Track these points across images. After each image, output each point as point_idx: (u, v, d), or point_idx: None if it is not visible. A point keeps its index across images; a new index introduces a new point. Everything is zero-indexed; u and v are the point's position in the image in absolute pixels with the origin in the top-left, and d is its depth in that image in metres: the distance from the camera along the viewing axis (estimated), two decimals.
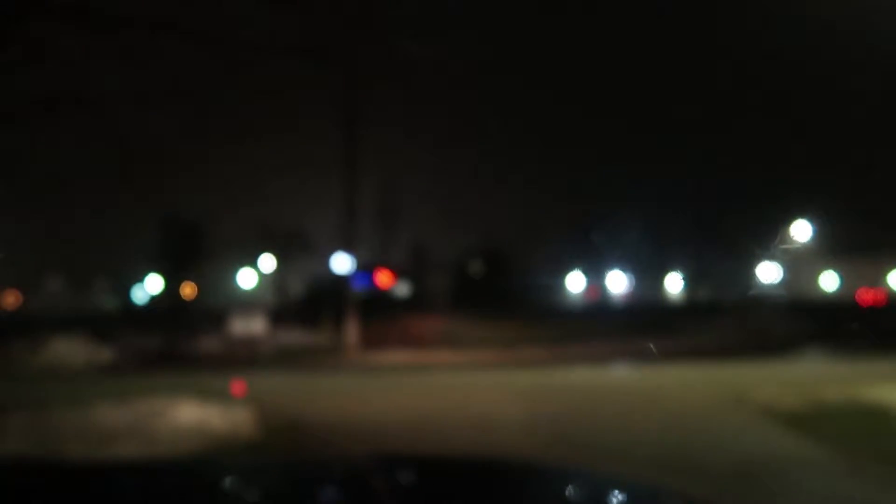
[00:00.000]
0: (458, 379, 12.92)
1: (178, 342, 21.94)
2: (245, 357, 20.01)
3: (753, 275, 66.44)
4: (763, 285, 62.36)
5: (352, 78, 17.85)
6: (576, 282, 75.75)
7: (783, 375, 12.31)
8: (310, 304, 30.28)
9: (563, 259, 59.16)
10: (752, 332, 23.59)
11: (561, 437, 7.18)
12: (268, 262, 46.92)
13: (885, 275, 74.43)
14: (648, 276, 69.71)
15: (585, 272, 67.63)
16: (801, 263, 66.66)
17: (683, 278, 47.72)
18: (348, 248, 21.54)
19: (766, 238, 54.71)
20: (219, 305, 23.49)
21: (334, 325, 22.90)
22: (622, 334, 24.09)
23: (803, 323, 24.79)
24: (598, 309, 42.53)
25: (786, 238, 60.51)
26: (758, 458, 6.23)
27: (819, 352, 19.86)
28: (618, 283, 69.06)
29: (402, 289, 50.90)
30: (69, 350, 17.62)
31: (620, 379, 11.88)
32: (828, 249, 68.77)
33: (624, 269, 61.34)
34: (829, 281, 73.44)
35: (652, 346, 22.15)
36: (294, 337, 26.47)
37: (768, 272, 67.08)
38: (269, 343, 23.27)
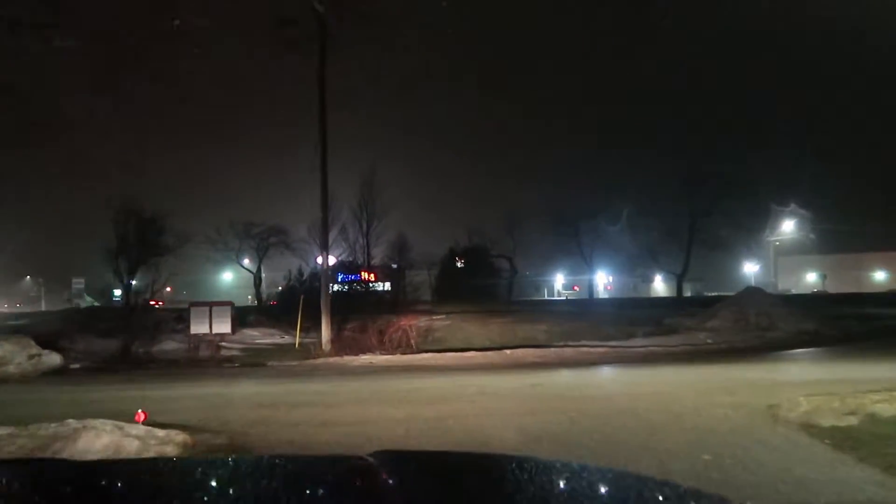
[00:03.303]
0: (440, 384, 11.41)
1: (136, 344, 20.26)
2: (208, 360, 18.38)
3: (739, 270, 65.57)
4: (751, 280, 61.54)
5: (324, 51, 16.26)
6: (561, 278, 74.55)
7: (806, 378, 10.96)
8: (287, 303, 28.68)
9: (550, 255, 58.00)
10: (752, 328, 22.33)
11: None
12: (248, 258, 45.22)
13: (865, 270, 74.12)
14: (633, 271, 68.79)
15: (571, 268, 66.59)
16: (786, 259, 66.03)
17: (671, 273, 46.49)
18: (323, 241, 19.89)
19: (755, 234, 53.66)
20: (184, 304, 21.71)
21: (309, 325, 21.33)
22: (613, 332, 22.81)
23: (803, 319, 23.58)
24: (585, 305, 41.34)
25: (773, 233, 59.44)
26: (825, 498, 4.81)
27: (823, 349, 18.59)
28: (602, 278, 67.96)
29: (385, 285, 49.29)
30: (8, 355, 15.85)
31: (624, 385, 10.39)
32: (812, 245, 68.13)
33: (609, 265, 60.32)
34: (813, 276, 73.02)
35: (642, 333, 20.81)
36: (267, 337, 24.90)
37: (754, 267, 66.27)
38: (236, 344, 21.66)
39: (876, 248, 72.75)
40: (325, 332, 19.10)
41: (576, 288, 71.49)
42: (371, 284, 44.96)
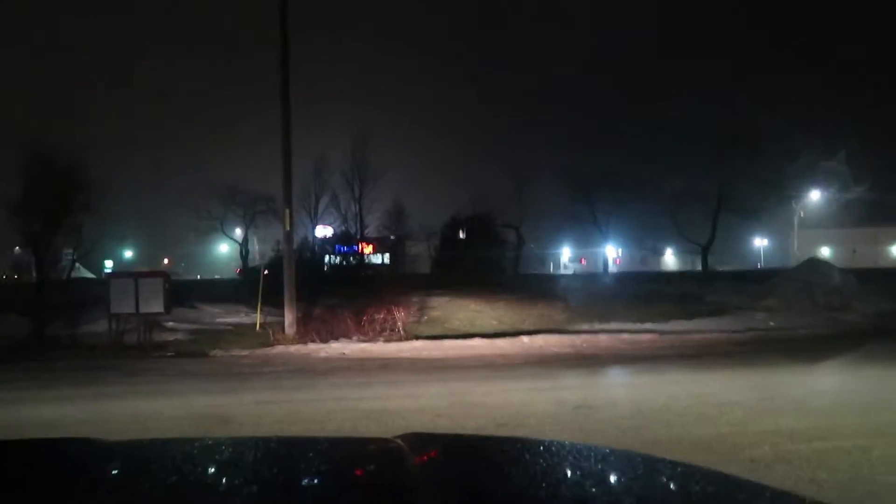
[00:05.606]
0: (428, 404, 7.26)
1: (56, 325, 16.20)
2: (135, 346, 14.26)
3: (749, 244, 61.12)
4: (760, 255, 57.03)
5: None
6: (568, 251, 70.48)
7: None
8: (270, 276, 24.54)
9: (558, 225, 53.55)
10: (821, 308, 18.11)
11: None
12: (238, 228, 41.03)
13: (883, 245, 70.30)
14: (643, 243, 64.29)
15: (578, 240, 62.36)
16: (802, 232, 61.81)
17: (696, 244, 42.31)
18: (286, 192, 15.55)
19: (784, 202, 49.23)
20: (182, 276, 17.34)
21: (277, 303, 17.21)
22: (647, 311, 18.57)
23: (879, 297, 19.37)
24: (599, 280, 37.18)
25: (799, 203, 54.72)
26: None
27: None
28: (612, 251, 63.68)
29: (384, 257, 45.05)
30: None
31: (749, 413, 6.16)
32: (831, 219, 63.82)
33: (623, 236, 55.93)
34: (827, 251, 69.14)
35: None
36: (231, 315, 20.79)
37: (763, 241, 61.86)
38: (186, 325, 17.57)
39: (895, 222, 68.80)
40: (289, 312, 14.92)
41: (583, 261, 67.45)
42: (367, 256, 40.96)
